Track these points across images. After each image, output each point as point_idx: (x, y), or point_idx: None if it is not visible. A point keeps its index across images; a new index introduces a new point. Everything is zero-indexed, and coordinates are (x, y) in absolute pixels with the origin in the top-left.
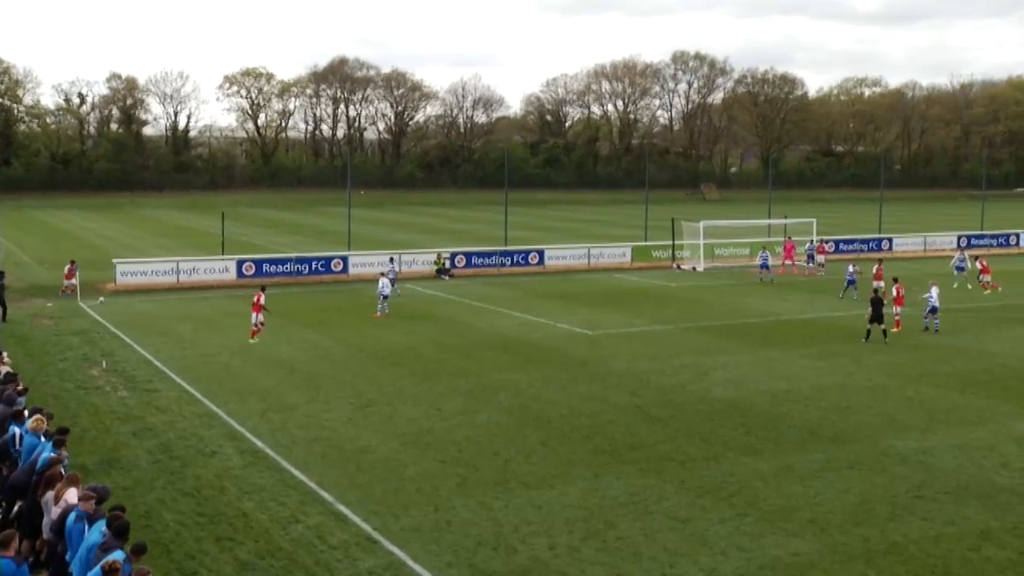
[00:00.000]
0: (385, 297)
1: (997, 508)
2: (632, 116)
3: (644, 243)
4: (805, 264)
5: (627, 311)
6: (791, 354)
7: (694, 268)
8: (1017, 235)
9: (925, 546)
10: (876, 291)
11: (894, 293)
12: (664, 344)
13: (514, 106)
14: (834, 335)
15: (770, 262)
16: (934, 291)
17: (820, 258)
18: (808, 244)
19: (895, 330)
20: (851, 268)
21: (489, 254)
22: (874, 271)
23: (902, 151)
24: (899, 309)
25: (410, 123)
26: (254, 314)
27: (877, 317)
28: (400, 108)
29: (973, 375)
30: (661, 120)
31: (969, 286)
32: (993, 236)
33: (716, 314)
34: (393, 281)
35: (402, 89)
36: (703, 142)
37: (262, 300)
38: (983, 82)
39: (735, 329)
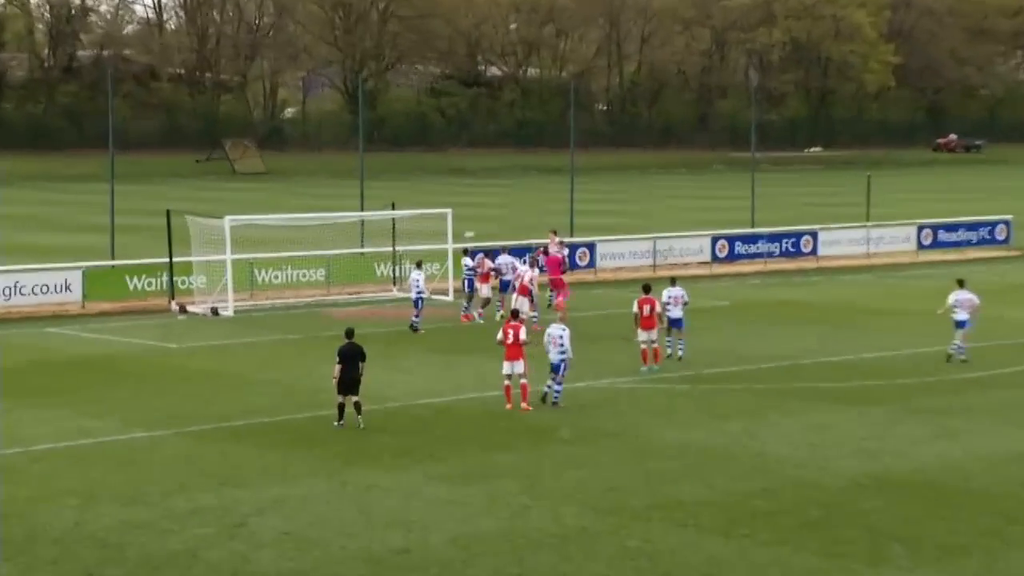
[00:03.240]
0: None
1: None
2: None
3: (107, 263)
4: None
5: (79, 403)
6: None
7: (214, 311)
8: (814, 235)
9: None
10: None
11: None
12: (159, 466)
13: None
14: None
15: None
16: None
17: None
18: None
19: None
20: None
21: None
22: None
23: (609, 77)
24: None
25: None
26: None
27: None
28: None
29: None
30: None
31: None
32: (777, 237)
33: (251, 405)
34: None
35: None
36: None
37: None
38: None
39: (308, 434)
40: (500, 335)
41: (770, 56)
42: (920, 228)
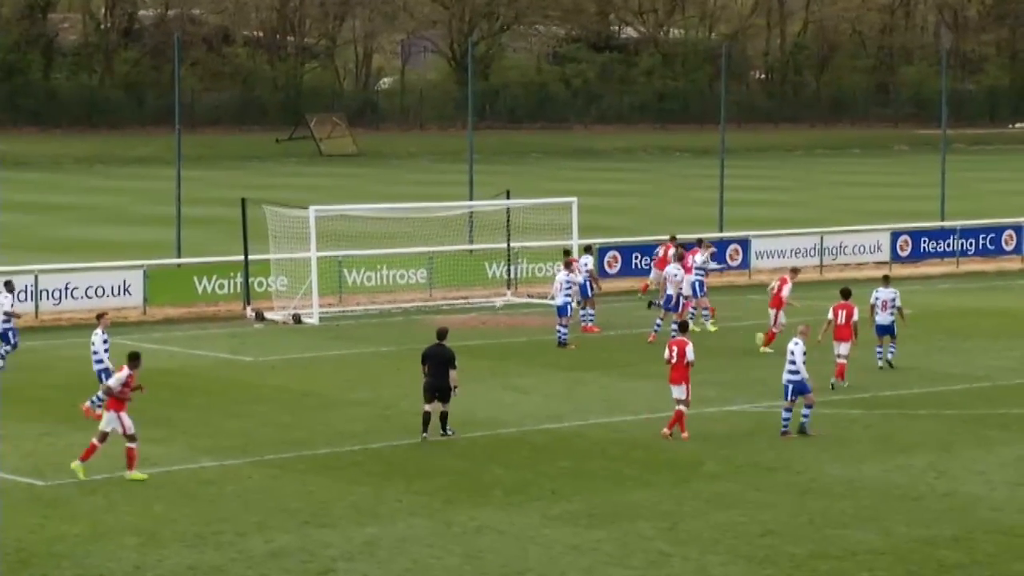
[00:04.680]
0: None
1: None
2: None
3: (172, 261)
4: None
5: (138, 426)
6: None
7: (296, 318)
8: (1019, 230)
9: None
10: None
11: None
12: (231, 501)
13: None
14: None
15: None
16: None
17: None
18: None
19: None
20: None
21: None
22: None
23: (768, 39)
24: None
25: None
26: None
27: None
28: None
29: None
30: None
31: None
32: (972, 232)
33: (338, 430)
34: None
35: None
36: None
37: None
38: None
39: (405, 464)
40: (667, 352)
41: (966, 12)
42: None
